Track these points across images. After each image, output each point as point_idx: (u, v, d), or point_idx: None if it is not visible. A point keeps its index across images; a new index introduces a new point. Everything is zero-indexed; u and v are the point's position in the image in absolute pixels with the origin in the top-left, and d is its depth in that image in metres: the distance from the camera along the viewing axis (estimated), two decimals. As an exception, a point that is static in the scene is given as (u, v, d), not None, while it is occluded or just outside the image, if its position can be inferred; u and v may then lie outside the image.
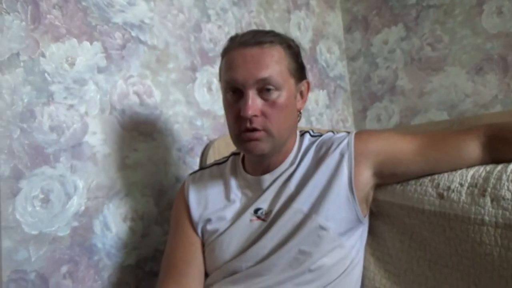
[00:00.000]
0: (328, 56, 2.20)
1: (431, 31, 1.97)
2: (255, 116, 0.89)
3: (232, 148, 1.37)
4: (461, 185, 0.85)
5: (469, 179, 0.85)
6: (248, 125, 0.89)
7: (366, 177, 0.95)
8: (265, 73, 0.89)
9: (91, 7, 1.25)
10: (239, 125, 0.91)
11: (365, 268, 1.02)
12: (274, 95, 0.90)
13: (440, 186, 0.88)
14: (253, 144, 0.91)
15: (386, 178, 0.97)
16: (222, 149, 1.36)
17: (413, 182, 0.94)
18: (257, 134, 0.90)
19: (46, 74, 1.13)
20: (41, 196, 1.09)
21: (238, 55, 0.91)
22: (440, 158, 0.91)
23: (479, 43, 1.82)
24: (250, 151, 0.94)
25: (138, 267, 1.28)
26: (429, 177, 0.92)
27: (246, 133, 0.91)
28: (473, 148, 0.88)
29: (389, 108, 2.12)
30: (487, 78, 1.80)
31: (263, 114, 0.90)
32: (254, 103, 0.89)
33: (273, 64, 0.90)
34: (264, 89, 0.90)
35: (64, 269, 1.12)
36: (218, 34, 1.63)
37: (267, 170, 1.00)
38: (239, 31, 1.70)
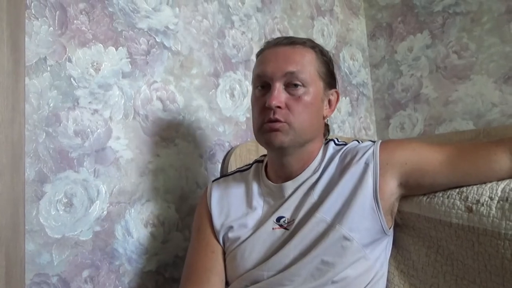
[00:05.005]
0: (351, 63, 2.18)
1: (457, 39, 1.93)
2: (279, 107, 0.91)
3: (254, 155, 1.37)
4: (491, 198, 0.83)
5: (499, 193, 0.82)
6: (271, 116, 0.91)
7: (392, 187, 0.93)
8: (293, 67, 0.93)
9: (117, 13, 1.26)
10: (263, 116, 0.93)
11: (389, 281, 1.00)
12: (300, 91, 0.93)
13: (469, 199, 0.86)
14: (274, 134, 0.92)
15: (412, 189, 0.94)
16: (244, 155, 1.36)
17: (440, 194, 0.91)
18: (278, 125, 0.92)
19: (72, 79, 1.15)
20: (65, 200, 1.10)
21: (271, 52, 0.97)
22: (470, 170, 0.88)
23: (508, 52, 1.77)
24: (270, 142, 0.94)
25: (158, 273, 1.28)
26: (457, 190, 0.89)
27: (268, 124, 0.93)
28: (504, 160, 0.85)
29: (413, 116, 2.09)
30: (515, 88, 1.75)
31: (287, 107, 0.92)
32: (279, 94, 0.92)
33: (303, 62, 0.95)
34: (291, 83, 0.93)
35: (85, 273, 1.12)
36: (242, 41, 1.63)
37: (290, 177, 0.99)
38: (263, 38, 1.71)
